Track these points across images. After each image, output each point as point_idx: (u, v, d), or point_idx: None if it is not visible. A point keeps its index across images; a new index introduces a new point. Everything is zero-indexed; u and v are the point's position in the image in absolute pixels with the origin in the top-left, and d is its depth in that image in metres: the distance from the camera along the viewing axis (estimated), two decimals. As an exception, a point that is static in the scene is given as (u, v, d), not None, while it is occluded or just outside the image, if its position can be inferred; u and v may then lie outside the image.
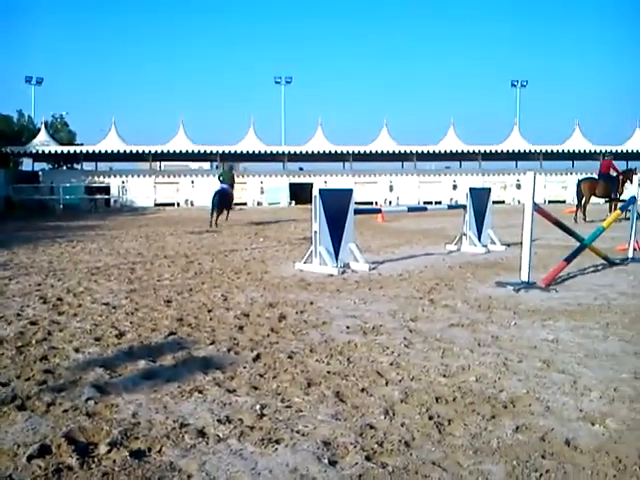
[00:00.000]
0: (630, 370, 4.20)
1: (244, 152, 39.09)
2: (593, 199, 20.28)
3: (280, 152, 39.17)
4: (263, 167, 42.67)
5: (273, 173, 39.48)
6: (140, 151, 37.78)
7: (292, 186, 38.07)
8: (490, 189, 13.11)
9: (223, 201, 18.58)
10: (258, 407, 3.50)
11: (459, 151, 39.15)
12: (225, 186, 19.01)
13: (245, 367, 4.27)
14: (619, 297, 6.85)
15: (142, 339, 5.04)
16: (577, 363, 4.36)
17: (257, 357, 4.51)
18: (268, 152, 39.28)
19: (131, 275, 8.53)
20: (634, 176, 20.26)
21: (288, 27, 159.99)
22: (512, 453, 2.93)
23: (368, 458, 2.87)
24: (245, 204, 36.64)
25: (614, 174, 20.00)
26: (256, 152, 38.96)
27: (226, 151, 38.71)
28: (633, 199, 10.39)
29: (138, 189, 37.39)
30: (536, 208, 7.68)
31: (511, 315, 5.92)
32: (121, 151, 37.76)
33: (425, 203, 33.71)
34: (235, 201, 20.66)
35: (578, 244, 8.63)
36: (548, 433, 3.15)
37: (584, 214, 19.24)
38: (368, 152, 39.04)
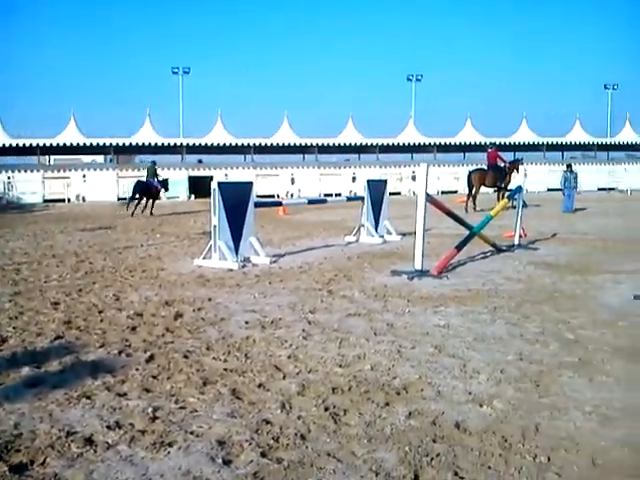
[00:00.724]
0: (515, 352, 4.43)
1: (140, 144, 37.75)
2: (483, 189, 21.32)
3: (178, 144, 38.19)
4: (160, 160, 41.40)
5: (171, 166, 38.42)
6: (27, 145, 35.52)
7: (191, 179, 37.25)
8: (386, 181, 13.44)
9: (142, 190, 20.19)
10: (150, 410, 3.37)
11: (358, 144, 39.90)
12: (149, 179, 20.93)
13: (137, 369, 4.10)
14: (506, 282, 7.24)
15: (26, 344, 4.73)
16: (466, 347, 4.55)
17: (150, 358, 4.35)
18: (165, 144, 38.18)
19: (16, 276, 7.99)
20: (520, 166, 21.56)
21: (187, 18, 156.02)
22: (405, 439, 3.00)
23: (263, 454, 2.84)
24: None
25: (502, 165, 21.11)
26: (152, 144, 37.75)
27: (120, 144, 37.20)
28: (519, 188, 11.01)
29: (25, 185, 35.21)
30: (429, 199, 7.94)
31: (405, 303, 6.09)
32: (6, 145, 35.36)
33: (326, 195, 34.08)
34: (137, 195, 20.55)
35: (468, 232, 9.03)
36: (439, 417, 3.26)
37: (474, 203, 20.18)
38: (269, 145, 38.89)
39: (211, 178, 12.12)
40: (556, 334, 4.92)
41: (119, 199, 32.82)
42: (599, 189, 38.78)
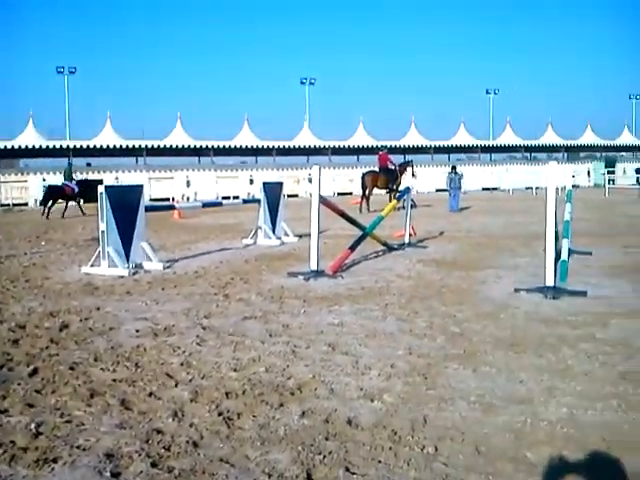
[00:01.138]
0: (405, 347, 4.59)
1: (22, 147, 35.54)
2: (376, 190, 21.93)
3: (65, 147, 36.30)
4: (46, 163, 39.18)
5: (57, 169, 36.45)
6: None
7: (78, 183, 35.56)
8: (282, 183, 13.51)
9: (54, 193, 21.18)
10: (33, 426, 3.19)
11: (255, 146, 39.80)
12: (65, 183, 22.13)
13: (20, 384, 3.86)
14: (397, 280, 7.49)
15: None
16: (359, 344, 4.66)
17: (34, 372, 4.11)
18: (50, 147, 36.17)
19: None
20: (409, 168, 22.34)
21: (70, 17, 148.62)
22: (298, 439, 3.02)
23: (154, 464, 2.76)
24: (26, 204, 33.33)
25: (392, 167, 21.83)
26: (36, 147, 35.65)
27: (1, 147, 34.86)
28: (407, 189, 11.42)
29: None
30: (322, 200, 8.06)
31: (301, 303, 6.15)
32: None
33: (223, 198, 33.68)
34: (15, 202, 19.95)
35: (361, 233, 9.26)
36: (332, 414, 3.32)
37: (368, 204, 20.72)
38: (163, 147, 37.87)
39: (100, 182, 11.62)
40: (443, 328, 5.15)
41: (1, 205, 30.85)
42: (483, 189, 41.02)
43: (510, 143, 46.47)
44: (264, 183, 12.67)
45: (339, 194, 36.94)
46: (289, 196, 33.20)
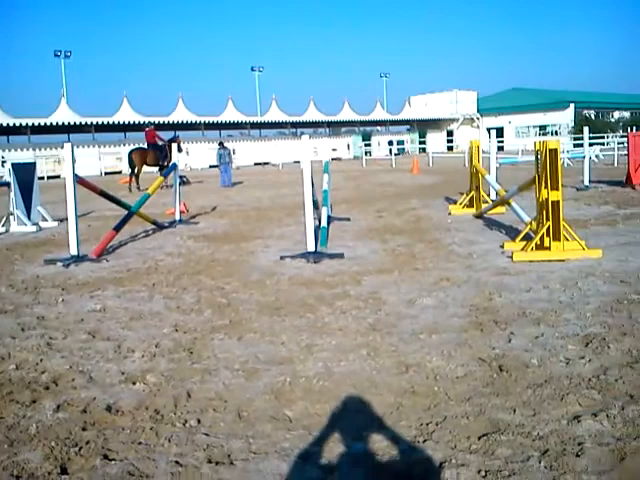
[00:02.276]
0: (171, 324, 4.52)
1: None
2: (149, 168, 21.14)
3: None
4: None
5: None
6: None
7: None
8: (35, 163, 12.34)
9: None
10: None
11: (5, 125, 35.66)
12: None
13: None
14: (166, 258, 7.33)
15: None
16: (122, 327, 4.47)
17: None
18: None
19: None
20: (179, 144, 21.90)
21: None
22: (52, 434, 2.81)
23: None
24: None
25: (161, 143, 21.19)
26: None
27: None
28: (174, 165, 11.18)
29: None
30: (78, 180, 7.52)
31: (59, 292, 5.70)
32: None
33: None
34: None
35: (126, 212, 8.86)
36: (90, 404, 3.14)
37: (137, 183, 19.90)
38: None
39: None
40: (210, 301, 5.18)
41: None
42: (255, 164, 41.99)
43: (277, 119, 48.03)
44: (13, 164, 11.43)
45: (107, 173, 34.96)
46: (50, 177, 30.51)
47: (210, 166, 36.62)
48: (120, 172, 34.51)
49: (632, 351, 3.56)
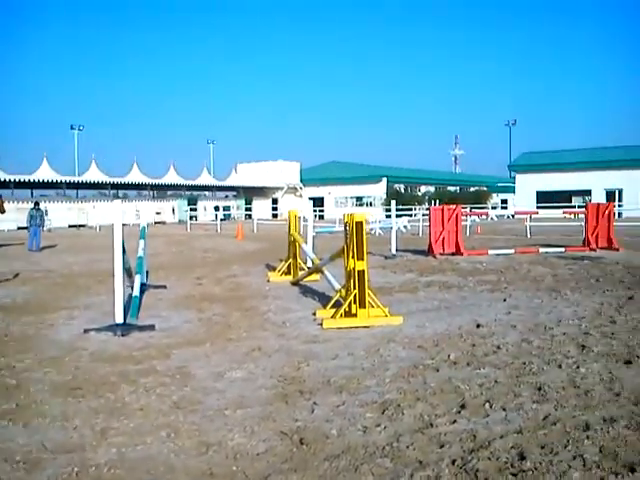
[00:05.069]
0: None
1: None
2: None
3: None
4: None
5: None
6: None
7: None
8: None
9: None
10: None
11: None
12: None
13: None
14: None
15: None
16: None
17: None
18: None
19: None
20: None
21: None
22: None
23: None
24: None
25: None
26: None
27: None
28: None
29: None
30: None
31: None
32: None
33: None
34: None
35: None
36: None
37: None
38: None
39: None
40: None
41: None
42: (70, 226, 39.54)
43: (97, 180, 46.10)
44: None
45: None
46: None
47: (19, 228, 33.74)
48: None
49: (424, 416, 3.78)
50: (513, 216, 31.49)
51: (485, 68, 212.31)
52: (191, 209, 45.38)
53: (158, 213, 48.28)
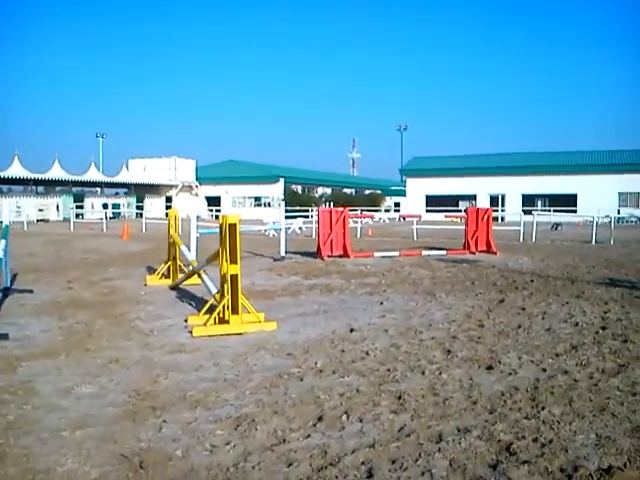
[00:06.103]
0: None
1: None
2: None
3: None
4: None
5: None
6: None
7: None
8: None
9: None
10: None
11: None
12: None
13: None
14: None
15: None
16: None
17: None
18: None
19: None
20: None
21: None
22: None
23: None
24: None
25: None
26: None
27: None
28: None
29: None
30: None
31: None
32: None
33: None
34: None
35: None
36: None
37: None
38: None
39: None
40: None
41: None
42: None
43: (18, 175, 42.83)
44: None
45: None
46: None
47: None
48: None
49: (277, 431, 3.63)
50: (404, 219, 32.52)
51: (384, 71, 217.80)
52: (78, 206, 43.03)
53: (41, 210, 45.44)
